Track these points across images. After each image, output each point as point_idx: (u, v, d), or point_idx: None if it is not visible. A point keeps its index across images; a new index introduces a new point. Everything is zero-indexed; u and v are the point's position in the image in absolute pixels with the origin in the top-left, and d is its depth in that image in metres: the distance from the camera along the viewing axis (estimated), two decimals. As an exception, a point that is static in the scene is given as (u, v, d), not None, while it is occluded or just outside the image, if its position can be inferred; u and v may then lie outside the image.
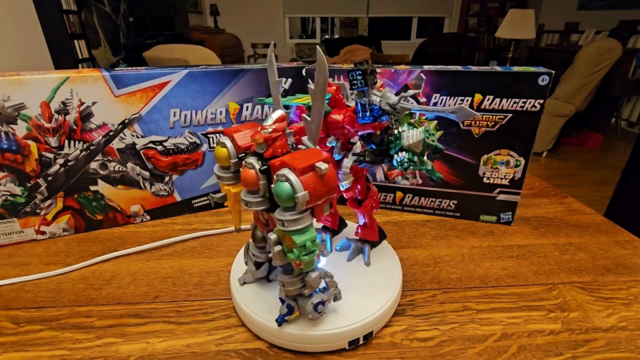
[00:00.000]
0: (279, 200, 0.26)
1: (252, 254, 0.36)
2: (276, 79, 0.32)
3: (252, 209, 0.29)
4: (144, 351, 0.33)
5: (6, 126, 0.44)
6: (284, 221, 0.26)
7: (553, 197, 0.63)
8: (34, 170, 0.47)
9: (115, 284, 0.41)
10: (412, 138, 0.31)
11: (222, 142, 0.31)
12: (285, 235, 0.27)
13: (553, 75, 0.45)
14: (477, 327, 0.35)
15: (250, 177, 0.28)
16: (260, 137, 0.27)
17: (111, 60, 2.91)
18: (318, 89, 0.27)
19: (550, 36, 4.58)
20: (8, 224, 0.48)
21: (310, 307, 0.31)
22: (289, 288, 0.31)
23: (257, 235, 0.35)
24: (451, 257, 0.46)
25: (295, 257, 0.27)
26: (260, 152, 0.28)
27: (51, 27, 1.97)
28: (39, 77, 0.43)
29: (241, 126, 0.32)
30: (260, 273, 0.37)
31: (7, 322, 0.36)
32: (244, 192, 0.29)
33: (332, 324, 0.32)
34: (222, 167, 0.32)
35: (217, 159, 0.32)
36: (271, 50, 0.31)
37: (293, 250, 0.26)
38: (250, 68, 0.53)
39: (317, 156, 0.26)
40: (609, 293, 0.40)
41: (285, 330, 0.32)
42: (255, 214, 0.34)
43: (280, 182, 0.25)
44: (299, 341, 0.32)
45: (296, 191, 0.25)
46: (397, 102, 0.31)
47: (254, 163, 0.28)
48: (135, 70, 0.49)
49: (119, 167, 0.51)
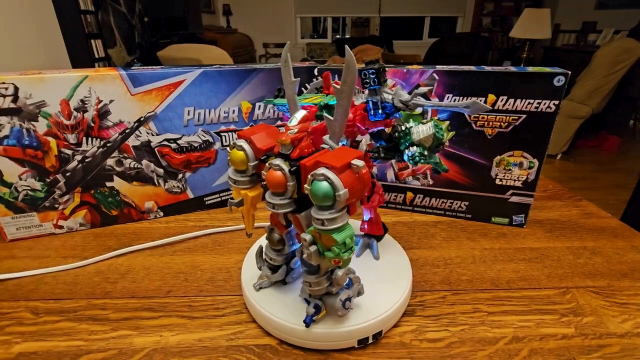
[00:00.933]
0: (316, 200, 0.25)
1: (269, 257, 0.35)
2: (292, 79, 0.31)
3: (279, 211, 0.28)
4: (157, 344, 0.33)
5: (28, 123, 0.45)
6: (324, 220, 0.25)
7: (567, 200, 0.62)
8: (53, 166, 0.48)
9: (129, 278, 0.42)
10: (422, 133, 0.32)
11: (238, 145, 0.30)
12: (322, 235, 0.27)
13: (569, 75, 0.44)
14: (488, 329, 0.35)
15: (277, 179, 0.27)
16: (287, 138, 0.27)
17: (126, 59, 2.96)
18: (345, 87, 0.27)
19: (567, 36, 4.49)
20: (28, 218, 0.49)
21: (339, 304, 0.31)
22: (315, 288, 0.31)
23: (274, 238, 0.34)
24: (462, 258, 0.46)
25: (334, 255, 0.26)
26: (286, 153, 0.28)
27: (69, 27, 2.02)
28: (59, 75, 0.45)
29: (255, 128, 0.32)
30: (277, 276, 0.36)
31: (27, 313, 0.37)
32: (269, 194, 0.29)
33: (342, 323, 0.32)
34: (238, 170, 0.31)
35: (233, 162, 0.31)
36: (286, 50, 0.31)
37: (332, 249, 0.26)
38: (263, 67, 0.54)
39: (352, 154, 0.27)
40: (624, 298, 0.39)
41: (295, 328, 0.32)
42: (274, 216, 0.33)
43: (318, 181, 0.25)
44: (309, 338, 0.32)
45: (337, 189, 0.25)
46: (409, 99, 0.32)
47: (282, 164, 0.27)
48: (151, 69, 0.50)
49: (134, 164, 0.52)
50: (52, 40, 1.89)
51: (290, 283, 0.37)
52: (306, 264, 0.31)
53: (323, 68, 0.54)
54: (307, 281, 0.31)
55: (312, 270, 0.31)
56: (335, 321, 0.32)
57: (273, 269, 0.36)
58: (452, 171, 0.53)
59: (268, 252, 0.36)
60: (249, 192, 0.32)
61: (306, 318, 0.31)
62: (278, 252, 0.35)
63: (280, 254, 0.35)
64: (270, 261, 0.35)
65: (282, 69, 0.32)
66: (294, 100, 0.32)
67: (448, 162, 0.52)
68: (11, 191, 0.47)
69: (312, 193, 0.25)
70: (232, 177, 0.32)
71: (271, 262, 0.35)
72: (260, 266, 0.37)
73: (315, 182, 0.25)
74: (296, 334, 0.32)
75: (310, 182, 0.26)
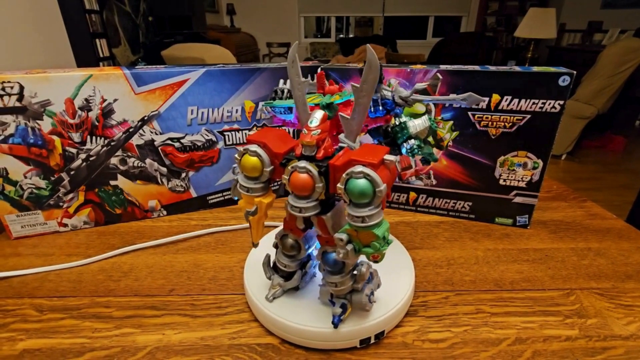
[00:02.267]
0: (355, 197, 0.26)
1: (282, 264, 0.34)
2: (301, 80, 0.30)
3: (305, 214, 0.28)
4: (160, 342, 0.33)
5: (33, 121, 0.45)
6: (364, 217, 0.25)
7: (572, 200, 0.61)
8: (58, 165, 0.48)
9: (133, 276, 0.43)
10: (418, 126, 0.33)
11: (252, 151, 0.29)
12: (361, 232, 0.26)
13: (574, 75, 0.44)
14: (491, 330, 0.35)
15: (304, 182, 0.27)
16: (312, 139, 0.27)
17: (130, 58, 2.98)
18: (366, 85, 0.27)
19: (572, 35, 4.45)
20: (33, 216, 0.50)
21: (365, 299, 0.31)
22: (341, 287, 0.31)
23: (287, 244, 0.33)
24: (465, 259, 0.46)
25: (374, 251, 0.26)
26: (311, 155, 0.28)
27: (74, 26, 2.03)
28: (64, 74, 0.45)
29: (264, 132, 0.30)
30: (292, 283, 0.35)
31: (31, 310, 0.37)
32: (293, 198, 0.28)
33: (344, 322, 0.32)
34: (250, 177, 0.30)
35: (247, 169, 0.29)
36: (294, 49, 0.29)
37: (372, 245, 0.26)
38: (266, 67, 0.54)
39: (380, 150, 0.27)
40: (629, 300, 0.39)
41: (298, 327, 0.32)
42: (290, 221, 0.32)
43: (356, 179, 0.25)
44: (311, 338, 0.32)
45: (378, 185, 0.25)
46: (409, 95, 0.33)
47: (309, 166, 0.27)
48: (155, 68, 0.50)
49: (137, 162, 0.52)
50: (57, 40, 1.90)
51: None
52: (331, 264, 0.30)
53: (327, 68, 0.54)
54: (332, 282, 0.31)
55: (335, 271, 0.31)
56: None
57: (286, 276, 0.35)
58: (455, 171, 0.53)
59: (281, 259, 0.34)
60: (264, 199, 0.30)
61: (334, 319, 0.31)
62: (292, 258, 0.34)
63: (294, 259, 0.34)
64: (284, 268, 0.34)
65: (289, 70, 0.30)
66: (304, 102, 0.31)
67: (451, 162, 0.52)
68: (16, 189, 0.48)
69: (351, 191, 0.25)
70: (245, 185, 0.30)
71: (285, 269, 0.34)
72: (269, 276, 0.35)
73: (352, 180, 0.25)
74: (298, 334, 0.32)
75: (346, 181, 0.26)
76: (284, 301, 0.35)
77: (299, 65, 0.30)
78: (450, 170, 0.53)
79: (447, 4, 5.10)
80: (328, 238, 0.30)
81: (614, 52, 2.56)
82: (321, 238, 0.31)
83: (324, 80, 0.34)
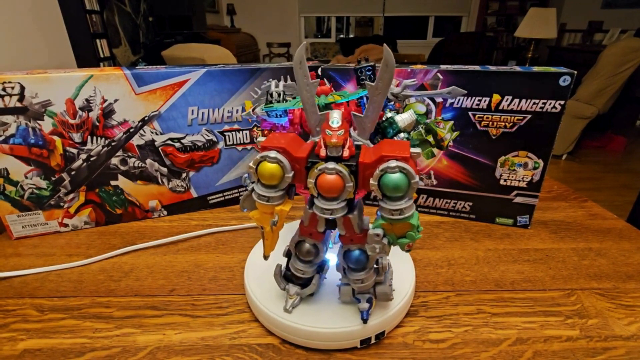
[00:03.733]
0: (390, 191, 0.26)
1: (301, 271, 0.33)
2: (310, 81, 0.29)
3: (336, 216, 0.28)
4: (161, 342, 0.33)
5: (33, 122, 0.46)
6: (402, 209, 0.26)
7: (572, 200, 0.61)
8: (59, 165, 0.48)
9: (133, 276, 0.43)
10: (406, 120, 0.34)
11: (271, 157, 0.27)
12: (396, 224, 0.27)
13: (575, 75, 0.44)
14: (492, 330, 0.35)
15: (335, 183, 0.26)
16: (339, 140, 0.27)
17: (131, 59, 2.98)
18: (382, 84, 0.27)
19: (573, 35, 4.45)
20: (33, 216, 0.50)
21: (389, 289, 0.32)
22: (367, 282, 0.31)
23: (304, 249, 0.32)
24: (465, 259, 0.46)
25: (410, 240, 0.27)
26: (337, 155, 0.27)
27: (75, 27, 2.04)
28: (64, 75, 0.45)
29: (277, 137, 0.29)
30: (311, 288, 0.34)
31: (32, 310, 0.37)
32: (322, 201, 0.28)
33: (345, 322, 0.32)
34: (269, 186, 0.28)
35: (266, 177, 0.27)
36: (302, 50, 0.28)
37: (407, 235, 0.27)
38: (267, 67, 0.54)
39: (403, 144, 0.28)
40: (630, 301, 0.39)
41: (298, 327, 0.32)
42: (310, 225, 0.31)
43: (392, 174, 0.26)
44: (312, 338, 0.32)
45: (413, 177, 0.26)
46: (400, 91, 0.35)
47: (338, 167, 0.27)
48: (155, 68, 0.50)
49: (138, 163, 0.52)
50: (58, 40, 1.90)
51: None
52: (355, 262, 0.31)
53: (327, 68, 0.54)
54: (357, 279, 0.31)
55: (359, 268, 0.31)
56: (338, 321, 0.32)
57: (304, 283, 0.34)
58: (456, 171, 0.53)
59: (297, 266, 0.33)
60: (284, 206, 0.29)
61: (363, 314, 0.32)
62: (309, 264, 0.33)
63: (311, 264, 0.33)
64: (302, 275, 0.33)
65: (297, 71, 0.29)
66: (313, 103, 0.30)
67: (452, 162, 0.52)
68: (17, 189, 0.48)
69: (387, 186, 0.26)
70: (264, 194, 0.28)
71: (303, 275, 0.33)
72: (284, 286, 0.34)
73: (387, 175, 0.26)
74: (299, 334, 0.32)
75: (379, 177, 0.26)
76: (285, 301, 0.35)
77: (307, 66, 0.29)
78: (451, 171, 0.53)
79: (447, 4, 5.10)
80: (353, 236, 0.30)
81: (614, 52, 2.56)
82: (345, 238, 0.31)
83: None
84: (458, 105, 0.49)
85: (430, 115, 0.51)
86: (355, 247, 0.31)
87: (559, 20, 3.93)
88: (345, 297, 0.34)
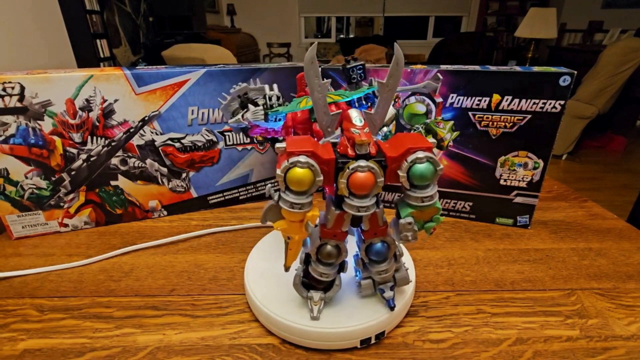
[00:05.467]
0: (418, 180, 0.28)
1: (325, 274, 0.32)
2: (321, 81, 0.28)
3: (368, 212, 0.28)
4: (161, 342, 0.33)
5: (34, 122, 0.46)
6: (432, 195, 0.28)
7: (572, 200, 0.61)
8: (59, 165, 0.48)
9: (133, 276, 0.43)
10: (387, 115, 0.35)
11: (303, 162, 0.26)
12: (425, 210, 0.29)
13: (575, 75, 0.44)
14: (492, 330, 0.35)
15: (368, 179, 0.27)
16: (368, 137, 0.27)
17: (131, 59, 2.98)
18: (392, 81, 0.28)
19: (573, 35, 4.45)
20: (34, 216, 0.50)
21: (405, 272, 0.34)
22: (389, 272, 0.33)
23: (325, 251, 0.31)
24: (465, 259, 0.46)
25: (436, 222, 0.29)
26: (365, 153, 0.27)
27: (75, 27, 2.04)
28: (64, 75, 0.45)
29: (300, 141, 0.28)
30: (335, 289, 0.34)
31: (32, 310, 0.37)
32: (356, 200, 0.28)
33: (345, 323, 0.32)
34: (299, 192, 0.27)
35: (296, 183, 0.26)
36: (313, 50, 0.27)
37: (434, 218, 0.29)
38: (267, 67, 0.54)
39: (419, 135, 0.30)
40: (630, 301, 0.39)
41: (298, 327, 0.32)
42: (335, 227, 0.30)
43: (421, 164, 0.27)
44: (311, 338, 0.32)
45: (439, 165, 0.28)
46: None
47: (370, 164, 0.27)
48: (155, 68, 0.50)
49: (138, 163, 0.52)
50: (58, 40, 1.91)
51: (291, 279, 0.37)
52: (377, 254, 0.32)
53: (327, 68, 0.54)
54: (380, 270, 0.32)
55: (380, 259, 0.32)
56: (338, 321, 0.32)
57: (327, 286, 0.34)
58: (456, 171, 0.53)
59: (319, 270, 0.32)
60: (314, 211, 0.28)
61: (390, 302, 0.33)
62: (331, 266, 0.32)
63: (333, 266, 0.32)
64: (325, 279, 0.32)
65: (308, 71, 0.28)
66: (324, 104, 0.29)
67: (452, 162, 0.52)
68: (17, 189, 0.48)
69: (416, 175, 0.28)
70: (297, 202, 0.27)
71: (327, 279, 0.32)
72: (307, 295, 0.34)
73: (416, 165, 0.27)
74: (299, 334, 0.32)
75: (408, 169, 0.28)
76: (285, 301, 0.35)
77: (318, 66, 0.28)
78: (451, 171, 0.53)
79: (447, 4, 5.10)
80: (376, 230, 0.31)
81: (614, 52, 2.56)
82: (368, 232, 0.31)
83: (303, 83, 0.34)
84: (458, 105, 0.49)
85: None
86: (378, 240, 0.32)
87: (559, 20, 3.93)
88: (367, 291, 0.34)
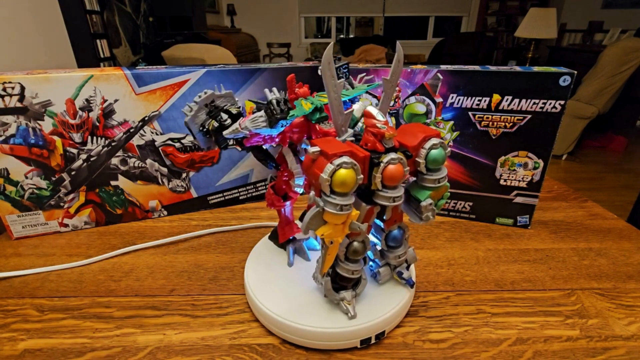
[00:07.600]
0: (435, 164, 0.30)
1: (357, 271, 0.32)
2: (337, 82, 0.28)
3: (401, 202, 0.30)
4: (161, 342, 0.33)
5: (34, 122, 0.46)
6: (445, 176, 0.31)
7: (572, 200, 0.61)
8: (59, 165, 0.48)
9: (133, 276, 0.43)
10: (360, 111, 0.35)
11: (348, 163, 0.26)
12: (440, 189, 0.31)
13: (575, 75, 0.44)
14: (492, 330, 0.35)
15: (399, 170, 0.28)
16: (394, 130, 0.29)
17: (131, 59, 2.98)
18: (394, 77, 0.31)
19: (573, 35, 4.45)
20: (34, 216, 0.50)
21: (413, 251, 0.36)
22: (404, 255, 0.35)
23: (353, 248, 0.31)
24: (465, 259, 0.46)
25: (446, 199, 0.32)
26: (391, 146, 0.29)
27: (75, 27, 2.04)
28: (64, 75, 0.45)
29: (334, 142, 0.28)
30: (364, 283, 0.34)
31: (32, 310, 0.37)
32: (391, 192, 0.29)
33: (345, 322, 0.32)
34: (343, 193, 0.27)
35: (343, 185, 0.26)
36: (330, 50, 0.27)
37: (443, 195, 0.32)
38: (267, 67, 0.54)
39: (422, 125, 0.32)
40: (630, 301, 0.39)
41: (298, 327, 0.32)
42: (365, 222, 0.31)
43: (436, 149, 0.30)
44: (312, 338, 0.32)
45: (447, 148, 0.31)
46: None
47: (399, 155, 0.28)
48: (155, 69, 0.50)
49: (138, 163, 0.52)
50: (58, 40, 1.91)
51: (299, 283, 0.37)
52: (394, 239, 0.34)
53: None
54: (397, 255, 0.34)
55: (397, 245, 0.34)
56: (338, 321, 0.32)
57: (356, 283, 0.34)
58: (456, 171, 0.53)
59: (349, 268, 0.32)
60: (355, 211, 0.28)
61: (409, 281, 0.35)
62: (359, 262, 0.32)
63: (359, 262, 0.33)
64: (356, 276, 0.33)
65: (324, 72, 0.28)
66: (340, 104, 0.30)
67: (452, 162, 0.52)
68: (17, 189, 0.48)
69: (433, 159, 0.30)
70: (346, 204, 0.27)
71: (357, 275, 0.33)
72: (339, 299, 0.33)
73: (432, 151, 0.30)
74: (299, 334, 0.32)
75: (426, 155, 0.30)
76: (285, 301, 0.35)
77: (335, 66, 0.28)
78: (451, 171, 0.53)
79: (447, 4, 5.10)
80: (397, 217, 0.33)
81: (614, 52, 2.56)
82: (389, 221, 0.33)
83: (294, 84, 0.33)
84: (458, 105, 0.49)
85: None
86: (395, 227, 0.34)
87: (559, 20, 3.93)
88: (386, 277, 0.36)
